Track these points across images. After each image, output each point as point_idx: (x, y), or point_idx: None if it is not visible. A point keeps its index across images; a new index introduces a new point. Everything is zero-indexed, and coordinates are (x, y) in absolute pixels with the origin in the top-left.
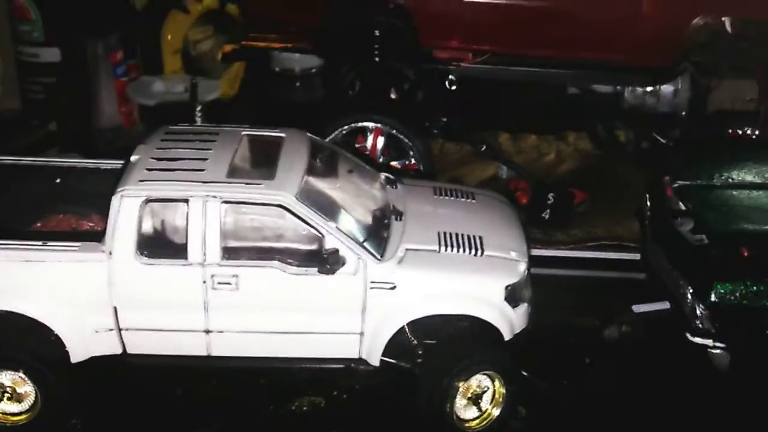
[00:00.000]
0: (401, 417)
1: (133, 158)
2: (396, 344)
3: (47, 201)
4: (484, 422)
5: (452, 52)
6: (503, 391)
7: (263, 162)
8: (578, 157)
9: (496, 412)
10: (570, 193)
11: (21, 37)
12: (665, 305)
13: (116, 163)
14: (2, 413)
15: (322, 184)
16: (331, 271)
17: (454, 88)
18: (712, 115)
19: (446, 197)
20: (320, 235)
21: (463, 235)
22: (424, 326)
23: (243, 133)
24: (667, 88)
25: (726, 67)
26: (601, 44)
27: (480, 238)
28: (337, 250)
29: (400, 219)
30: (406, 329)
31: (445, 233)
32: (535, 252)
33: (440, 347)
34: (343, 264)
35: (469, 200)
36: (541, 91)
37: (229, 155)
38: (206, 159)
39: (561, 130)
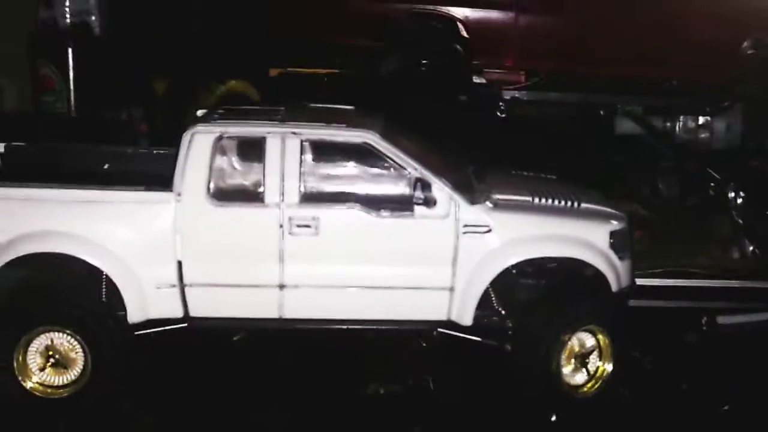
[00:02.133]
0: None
1: (199, 113)
2: (489, 303)
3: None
4: (599, 382)
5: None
6: (611, 346)
7: (338, 120)
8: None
9: (609, 367)
10: None
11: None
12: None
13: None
14: (42, 384)
15: (402, 140)
16: (426, 205)
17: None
18: None
19: (525, 173)
20: (407, 176)
21: (555, 193)
22: (520, 278)
23: (309, 105)
24: (719, 123)
25: None
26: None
27: (573, 195)
28: (428, 186)
29: (485, 182)
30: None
31: (536, 190)
32: None
33: (541, 299)
34: (434, 204)
35: (549, 176)
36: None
37: (302, 115)
38: (279, 113)
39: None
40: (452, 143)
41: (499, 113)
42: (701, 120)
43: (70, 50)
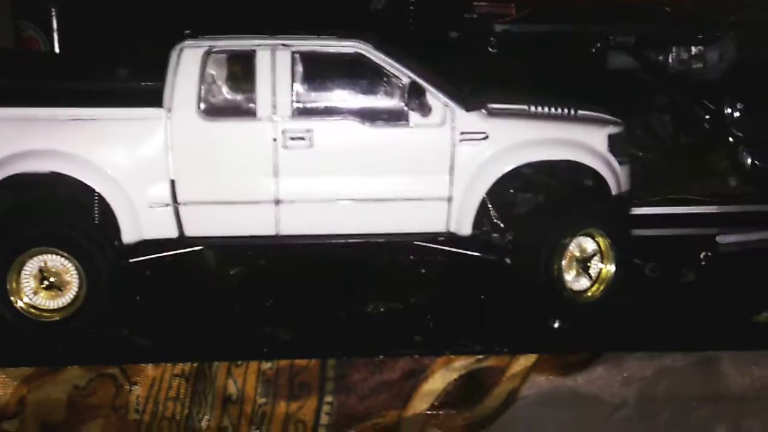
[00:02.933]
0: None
1: (186, 32)
2: (487, 215)
3: None
4: (603, 284)
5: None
6: (612, 248)
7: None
8: None
9: (611, 267)
10: None
11: None
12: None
13: None
14: (36, 307)
15: (395, 53)
16: (421, 112)
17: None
18: None
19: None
20: (401, 85)
21: (551, 102)
22: (518, 192)
23: None
24: (712, 53)
25: None
26: None
27: (570, 104)
28: (423, 92)
29: (478, 95)
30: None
31: (532, 101)
32: None
33: (540, 205)
34: (429, 111)
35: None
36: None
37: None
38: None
39: None
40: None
41: (490, 48)
42: (694, 50)
43: (53, 11)
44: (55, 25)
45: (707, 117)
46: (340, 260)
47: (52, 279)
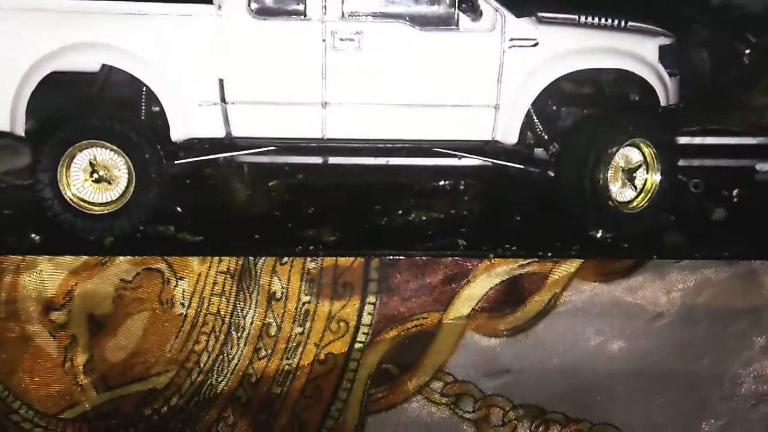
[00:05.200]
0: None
1: None
2: (533, 127)
3: None
4: (648, 194)
5: None
6: (658, 158)
7: None
8: None
9: (657, 177)
10: None
11: None
12: None
13: None
14: (85, 200)
15: None
16: (472, 15)
17: None
18: None
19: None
20: None
21: (601, 13)
22: (566, 95)
23: None
24: None
25: None
26: None
27: (620, 16)
28: None
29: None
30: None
31: (581, 12)
32: None
33: (586, 115)
34: (480, 15)
35: None
36: None
37: None
38: None
39: None
40: None
41: None
42: None
43: None
44: None
45: (747, 51)
46: (381, 182)
47: (101, 173)
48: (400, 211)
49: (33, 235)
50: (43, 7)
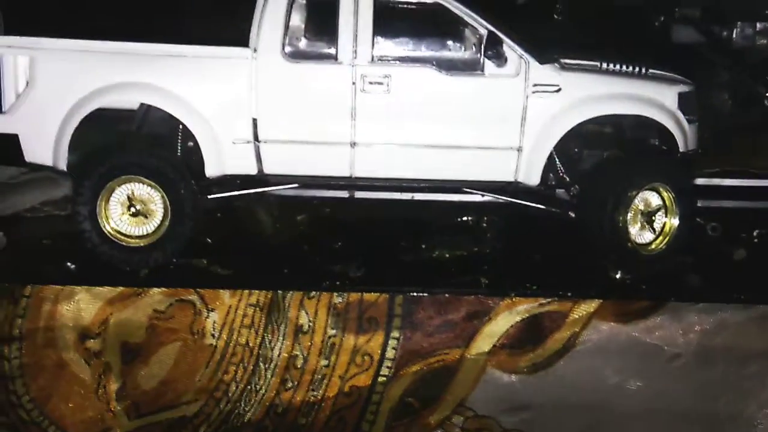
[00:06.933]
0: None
1: None
2: (554, 168)
3: None
4: (666, 238)
5: None
6: (676, 202)
7: None
8: None
9: (675, 221)
10: None
11: None
12: None
13: None
14: (122, 233)
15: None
16: (497, 61)
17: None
18: None
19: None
20: (479, 36)
21: (622, 60)
22: (587, 138)
23: None
24: None
25: None
26: None
27: (641, 63)
28: (500, 42)
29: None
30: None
31: (603, 59)
32: None
33: (608, 159)
34: (505, 61)
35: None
36: None
37: None
38: None
39: None
40: None
41: (556, 15)
42: (759, 26)
43: None
44: None
45: None
46: (405, 217)
47: (138, 207)
48: (424, 247)
49: (69, 264)
50: (89, 49)
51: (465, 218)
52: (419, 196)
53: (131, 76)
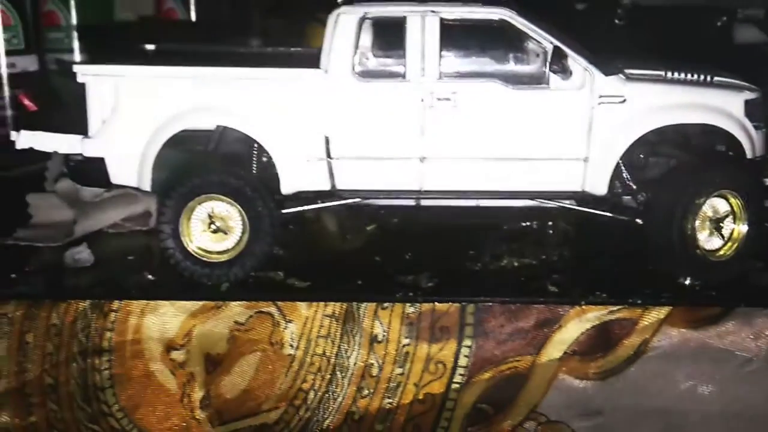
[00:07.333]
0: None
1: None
2: (621, 177)
3: None
4: (735, 243)
5: None
6: (745, 208)
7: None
8: None
9: (743, 228)
10: None
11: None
12: None
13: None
14: (203, 249)
15: (535, 20)
16: (562, 75)
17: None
18: None
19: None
20: (543, 50)
21: (687, 68)
22: (653, 146)
23: None
24: None
25: None
26: None
27: (706, 71)
28: (564, 56)
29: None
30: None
31: (667, 68)
32: None
33: (676, 167)
34: (570, 74)
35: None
36: None
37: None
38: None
39: None
40: None
41: (617, 20)
42: None
43: None
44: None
45: None
46: (471, 224)
47: (218, 224)
48: (492, 255)
49: (149, 277)
50: (169, 75)
51: (531, 223)
52: (484, 203)
53: (210, 100)
